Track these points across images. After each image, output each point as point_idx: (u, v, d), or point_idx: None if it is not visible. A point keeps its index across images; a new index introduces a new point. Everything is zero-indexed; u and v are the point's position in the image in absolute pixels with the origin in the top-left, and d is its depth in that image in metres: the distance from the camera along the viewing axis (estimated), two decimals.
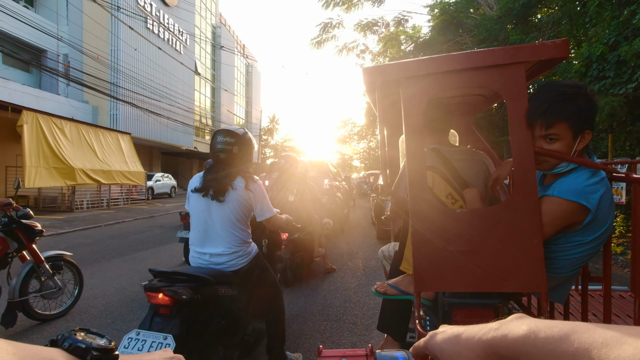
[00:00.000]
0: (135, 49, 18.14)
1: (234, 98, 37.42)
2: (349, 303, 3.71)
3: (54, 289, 3.33)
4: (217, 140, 2.04)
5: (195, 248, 2.04)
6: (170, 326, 1.68)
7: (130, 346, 1.58)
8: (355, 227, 9.38)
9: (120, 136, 15.64)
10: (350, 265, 5.27)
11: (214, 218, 2.00)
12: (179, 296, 1.69)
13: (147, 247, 6.81)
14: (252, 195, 2.05)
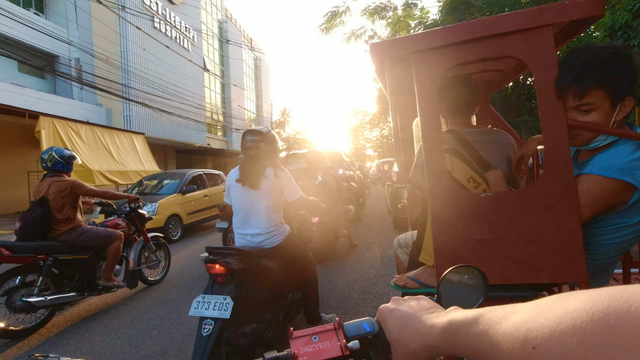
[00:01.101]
0: (144, 49, 18.22)
1: (244, 93, 37.43)
2: (368, 295, 3.63)
3: (155, 261, 4.46)
4: (247, 140, 2.44)
5: (238, 230, 2.42)
6: (227, 290, 2.08)
7: (199, 307, 2.01)
8: (371, 215, 9.26)
9: (134, 136, 15.84)
10: (367, 256, 5.17)
11: (252, 204, 2.38)
12: (231, 266, 2.09)
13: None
14: (281, 181, 2.41)
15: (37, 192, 3.42)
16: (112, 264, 3.67)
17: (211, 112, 29.60)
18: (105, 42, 16.68)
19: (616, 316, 0.24)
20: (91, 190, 3.65)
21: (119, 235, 3.78)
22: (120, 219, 4.13)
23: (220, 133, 32.89)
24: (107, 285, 3.62)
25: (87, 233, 3.51)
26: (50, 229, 3.35)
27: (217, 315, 1.98)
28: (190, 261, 5.69)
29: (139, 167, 15.27)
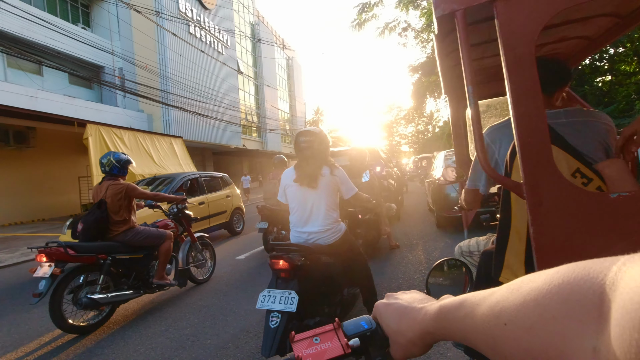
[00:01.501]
0: (180, 55, 18.78)
1: (277, 93, 37.76)
2: None
3: (202, 261, 4.59)
4: (300, 140, 2.50)
5: (296, 228, 2.49)
6: (291, 285, 2.17)
7: (265, 300, 2.11)
8: (410, 214, 8.79)
9: (173, 140, 16.33)
10: (411, 259, 4.79)
11: (310, 203, 2.44)
12: (294, 262, 2.18)
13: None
14: (337, 179, 2.47)
15: (96, 195, 3.62)
16: (164, 263, 3.84)
17: (245, 114, 30.08)
18: (145, 51, 17.35)
19: (569, 289, 0.27)
20: (143, 193, 3.79)
21: (169, 235, 3.94)
22: (169, 219, 4.33)
23: (255, 134, 33.39)
24: (160, 283, 3.81)
25: (141, 233, 3.68)
26: (108, 230, 3.55)
27: (283, 309, 2.06)
28: (225, 263, 5.59)
29: (178, 169, 15.70)
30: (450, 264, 0.90)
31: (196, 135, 21.58)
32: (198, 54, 20.46)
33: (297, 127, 43.98)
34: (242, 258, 5.89)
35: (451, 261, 0.86)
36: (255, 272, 5.02)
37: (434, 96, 22.75)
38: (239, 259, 5.83)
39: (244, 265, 5.42)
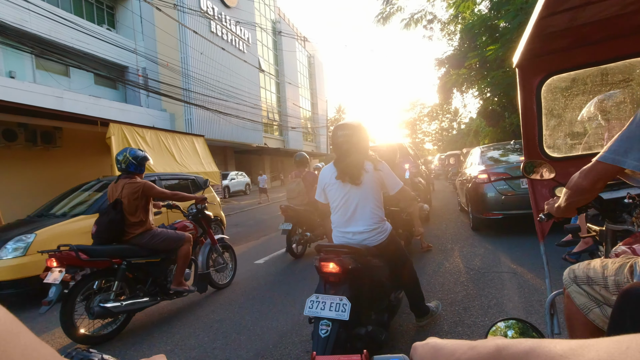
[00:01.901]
0: (201, 53, 18.76)
1: (299, 91, 37.50)
2: (461, 326, 2.77)
3: (223, 264, 4.34)
4: (338, 135, 2.33)
5: (339, 229, 2.34)
6: (341, 290, 2.02)
7: (314, 307, 1.97)
8: (440, 215, 8.20)
9: (195, 139, 16.26)
10: (448, 267, 4.28)
11: (354, 201, 2.28)
12: (346, 265, 2.03)
13: None
14: (382, 174, 2.32)
15: (112, 195, 3.39)
16: (182, 267, 3.61)
17: (267, 112, 29.98)
18: (167, 50, 17.42)
19: None
20: (162, 193, 3.53)
21: (188, 238, 3.70)
22: (187, 220, 4.09)
23: (277, 133, 33.27)
24: (178, 290, 3.57)
25: (158, 236, 3.46)
26: (124, 232, 3.31)
27: (334, 316, 1.92)
28: (243, 268, 5.25)
29: (199, 168, 15.64)
30: (510, 324, 0.75)
31: (218, 134, 21.59)
32: (219, 52, 20.41)
33: (319, 125, 43.64)
34: (262, 262, 5.54)
35: (512, 322, 0.73)
36: (275, 278, 4.64)
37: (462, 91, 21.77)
38: (257, 264, 5.48)
39: (263, 271, 5.06)
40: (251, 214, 13.13)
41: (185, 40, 18.01)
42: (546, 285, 2.05)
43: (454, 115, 52.53)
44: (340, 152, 2.34)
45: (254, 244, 7.14)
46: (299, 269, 4.99)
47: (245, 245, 7.08)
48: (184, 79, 17.83)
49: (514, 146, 6.38)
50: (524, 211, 5.21)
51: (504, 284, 3.45)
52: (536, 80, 1.79)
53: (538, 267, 3.85)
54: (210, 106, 18.41)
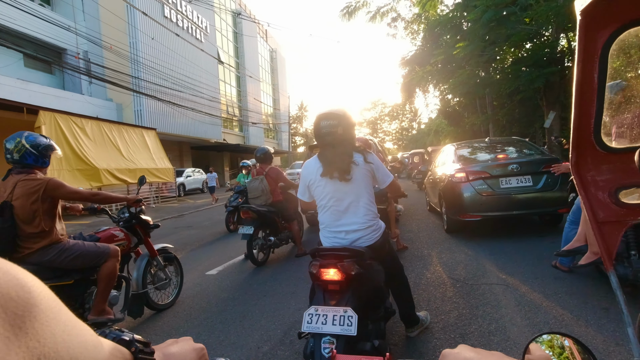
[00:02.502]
0: (153, 39, 17.22)
1: (260, 86, 36.31)
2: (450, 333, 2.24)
3: (165, 280, 3.58)
4: (322, 125, 2.08)
5: (329, 228, 2.13)
6: (344, 300, 1.77)
7: (313, 321, 1.71)
8: (408, 216, 7.83)
9: (145, 132, 14.88)
10: (431, 279, 3.79)
11: (344, 197, 2.07)
12: (349, 271, 1.79)
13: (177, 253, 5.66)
14: (373, 166, 2.11)
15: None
16: (105, 290, 2.78)
17: (226, 106, 28.59)
18: (114, 32, 15.74)
19: None
20: (75, 192, 2.66)
21: (114, 252, 2.87)
22: (117, 228, 3.23)
23: (236, 128, 31.91)
24: (98, 320, 2.68)
25: (69, 250, 2.62)
26: (17, 247, 2.47)
27: (340, 332, 1.66)
28: (191, 282, 4.46)
29: (150, 164, 14.31)
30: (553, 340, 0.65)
31: (172, 127, 20.08)
32: (174, 39, 18.90)
33: (281, 121, 42.69)
34: (214, 273, 4.76)
35: (556, 337, 0.64)
36: (229, 294, 3.91)
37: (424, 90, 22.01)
38: (210, 275, 4.70)
39: (215, 285, 4.30)
40: (207, 213, 12.12)
41: (134, 24, 16.39)
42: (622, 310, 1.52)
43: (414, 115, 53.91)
44: (325, 144, 2.10)
45: (207, 249, 6.30)
46: (260, 280, 4.29)
47: (197, 251, 6.22)
48: (133, 65, 16.23)
49: (489, 143, 6.10)
50: (503, 212, 4.89)
51: (499, 300, 3.00)
52: (604, 34, 1.26)
53: (529, 277, 3.46)
54: (164, 97, 16.96)
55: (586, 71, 1.34)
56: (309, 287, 3.87)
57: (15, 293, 0.26)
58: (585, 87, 1.37)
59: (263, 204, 5.02)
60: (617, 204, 1.41)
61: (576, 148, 1.47)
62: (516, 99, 12.29)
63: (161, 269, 3.56)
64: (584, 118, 1.41)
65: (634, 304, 2.66)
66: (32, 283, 0.28)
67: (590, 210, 1.42)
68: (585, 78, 1.35)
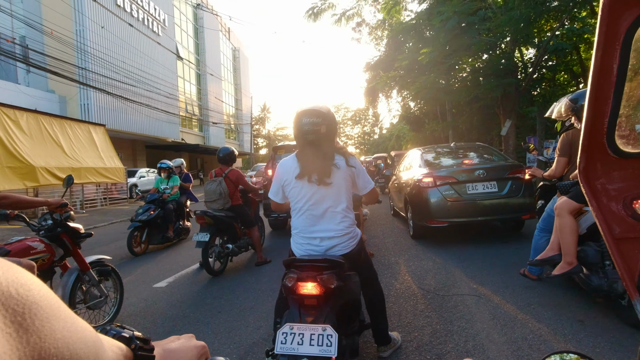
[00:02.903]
0: (103, 27, 15.95)
1: (222, 84, 35.18)
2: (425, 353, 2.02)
3: (99, 298, 3.09)
4: (303, 122, 1.92)
5: (302, 234, 2.00)
6: (322, 317, 1.63)
7: (287, 341, 1.56)
8: (374, 221, 7.70)
9: (93, 128, 13.65)
10: (400, 290, 3.58)
11: (322, 202, 1.95)
12: (329, 285, 1.65)
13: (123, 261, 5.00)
14: (355, 171, 2.00)
15: None
16: None
17: (185, 104, 27.31)
18: (57, 17, 14.35)
19: None
20: None
21: (29, 267, 2.26)
22: (35, 238, 2.75)
23: (196, 128, 30.60)
24: None
25: None
26: None
27: (318, 353, 1.49)
28: (137, 296, 3.95)
29: (97, 163, 13.14)
30: None
31: (125, 124, 18.75)
32: (127, 30, 17.66)
33: (243, 122, 41.67)
34: (163, 286, 4.25)
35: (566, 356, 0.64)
36: (180, 311, 3.46)
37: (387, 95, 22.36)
38: (158, 288, 4.19)
39: (164, 299, 3.81)
40: None
41: (81, 10, 15.06)
42: None
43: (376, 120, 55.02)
44: (305, 143, 1.94)
45: (158, 258, 5.71)
46: (215, 293, 3.86)
47: (145, 260, 5.62)
48: (80, 55, 14.89)
49: (454, 148, 6.09)
50: (469, 219, 4.84)
51: (473, 313, 2.84)
52: (630, 16, 1.06)
53: (500, 286, 3.35)
54: (115, 91, 15.74)
55: (605, 60, 1.13)
56: (271, 300, 3.55)
57: (15, 290, 0.26)
58: (602, 80, 1.17)
59: (220, 208, 4.59)
60: (634, 217, 1.23)
61: (586, 152, 1.26)
62: (475, 107, 12.72)
63: (95, 285, 3.06)
64: (598, 117, 1.21)
65: (608, 315, 2.60)
66: (32, 281, 0.29)
67: (604, 224, 1.23)
68: (603, 68, 1.14)
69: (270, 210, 6.63)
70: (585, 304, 2.77)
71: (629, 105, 1.26)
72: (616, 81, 1.16)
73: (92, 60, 15.13)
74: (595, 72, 1.15)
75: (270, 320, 2.96)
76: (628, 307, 2.39)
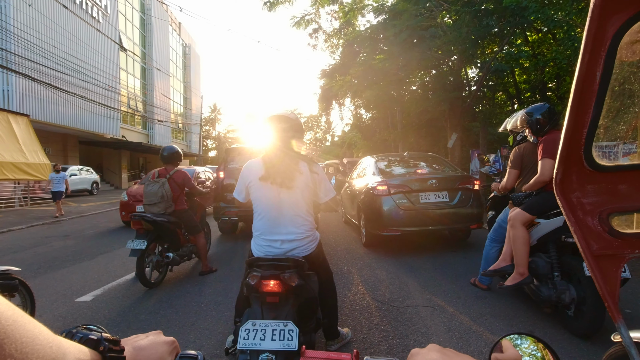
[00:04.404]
0: (30, 5, 14.27)
1: (170, 81, 33.35)
2: None
3: None
4: (272, 128, 2.04)
5: (263, 236, 2.04)
6: (284, 313, 1.71)
7: (250, 337, 1.61)
8: (325, 228, 7.57)
9: (13, 118, 12.06)
10: (354, 300, 3.45)
11: (284, 205, 2.01)
12: (291, 283, 1.74)
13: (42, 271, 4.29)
14: (317, 177, 2.07)
15: None
16: None
17: (128, 99, 25.40)
18: None
19: None
20: None
21: None
22: None
23: (139, 125, 28.57)
24: None
25: None
26: None
27: (280, 347, 1.56)
28: (54, 312, 3.41)
29: (18, 158, 11.58)
30: (522, 342, 0.69)
31: (54, 116, 16.89)
32: (61, 12, 15.97)
33: (192, 122, 39.85)
34: (88, 300, 3.71)
35: (522, 338, 0.69)
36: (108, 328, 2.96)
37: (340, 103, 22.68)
38: (80, 303, 3.64)
39: (87, 315, 3.31)
40: (93, 220, 10.21)
41: None
42: None
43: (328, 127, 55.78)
44: (272, 147, 2.05)
45: (85, 267, 5.05)
46: (151, 307, 3.43)
47: (69, 269, 4.93)
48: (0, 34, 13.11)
49: (407, 157, 6.18)
50: (421, 227, 4.88)
51: (428, 326, 2.77)
52: (617, 20, 1.00)
53: (453, 297, 3.36)
54: (44, 79, 14.09)
55: (590, 67, 1.08)
56: (215, 315, 3.22)
57: None
58: (585, 88, 1.10)
59: (162, 212, 4.15)
60: (610, 234, 1.19)
61: (563, 163, 1.19)
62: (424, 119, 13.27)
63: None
64: (577, 127, 1.15)
65: (555, 326, 2.68)
66: None
67: (582, 240, 1.16)
68: (587, 76, 1.08)
69: (221, 213, 6.23)
70: (534, 315, 2.85)
71: (608, 116, 1.22)
72: (598, 90, 1.10)
73: (15, 42, 13.40)
74: (580, 79, 1.08)
75: (213, 338, 2.79)
76: (574, 318, 2.47)
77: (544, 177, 2.55)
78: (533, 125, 2.82)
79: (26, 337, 0.29)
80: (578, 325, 2.44)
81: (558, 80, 12.61)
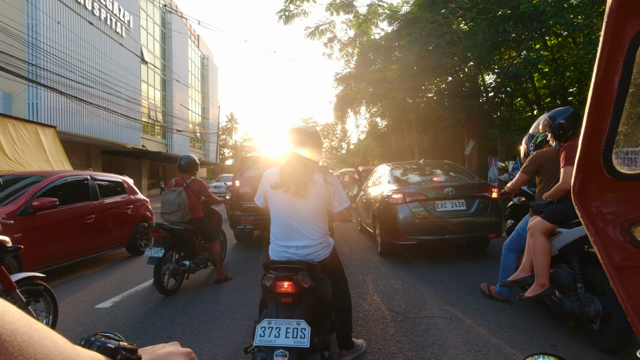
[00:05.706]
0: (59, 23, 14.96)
1: (189, 92, 34.20)
2: None
3: None
4: (291, 140, 2.14)
5: (279, 242, 2.14)
6: (297, 313, 1.82)
7: (265, 334, 1.73)
8: (341, 236, 7.54)
9: (41, 129, 12.60)
10: (368, 310, 3.40)
11: (298, 213, 2.10)
12: (302, 284, 1.84)
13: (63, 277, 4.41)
14: (332, 188, 2.13)
15: None
16: None
17: (149, 110, 26.16)
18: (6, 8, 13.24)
19: None
20: None
21: None
22: None
23: (159, 135, 29.34)
24: None
25: None
26: None
27: (293, 344, 1.68)
28: (74, 318, 3.48)
29: (44, 166, 12.05)
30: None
31: (79, 127, 17.54)
32: (87, 28, 16.69)
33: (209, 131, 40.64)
34: (107, 307, 3.79)
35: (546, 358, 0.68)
36: (125, 335, 3.04)
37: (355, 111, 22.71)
38: (100, 309, 3.72)
39: (107, 322, 3.38)
40: None
41: (34, 2, 14.04)
42: None
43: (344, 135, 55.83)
44: (290, 158, 2.16)
45: (104, 273, 5.17)
46: (167, 315, 3.48)
47: (89, 276, 5.06)
48: (31, 50, 13.79)
49: (423, 165, 6.11)
50: (438, 237, 4.79)
51: (445, 338, 2.70)
52: (634, 27, 0.97)
53: (470, 308, 3.27)
54: (70, 92, 14.70)
55: (607, 73, 1.04)
56: (229, 323, 3.24)
57: None
58: (603, 95, 1.07)
59: (179, 220, 4.22)
60: (633, 245, 1.14)
61: (581, 171, 1.16)
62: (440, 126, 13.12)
63: (23, 307, 2.62)
64: (595, 134, 1.12)
65: (579, 340, 2.56)
66: None
67: (603, 251, 1.12)
68: (605, 82, 1.05)
69: (236, 221, 6.30)
70: (557, 328, 2.73)
71: (629, 122, 1.18)
72: (617, 96, 1.06)
73: (44, 57, 14.06)
74: (597, 85, 1.05)
75: (227, 347, 2.80)
76: (600, 332, 2.36)
77: (566, 185, 2.46)
78: (555, 130, 2.74)
79: (40, 353, 0.29)
80: (604, 340, 2.33)
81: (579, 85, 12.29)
